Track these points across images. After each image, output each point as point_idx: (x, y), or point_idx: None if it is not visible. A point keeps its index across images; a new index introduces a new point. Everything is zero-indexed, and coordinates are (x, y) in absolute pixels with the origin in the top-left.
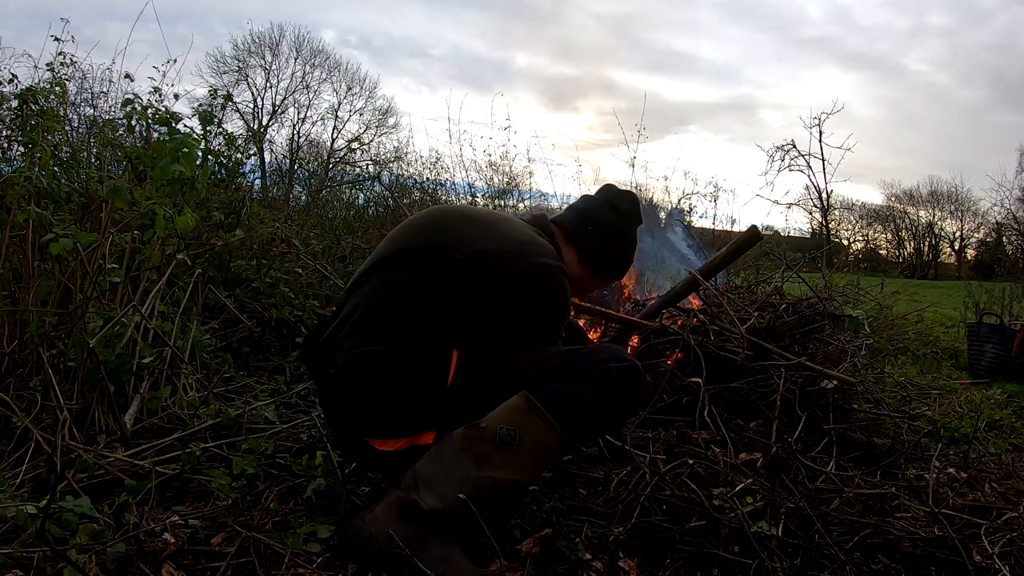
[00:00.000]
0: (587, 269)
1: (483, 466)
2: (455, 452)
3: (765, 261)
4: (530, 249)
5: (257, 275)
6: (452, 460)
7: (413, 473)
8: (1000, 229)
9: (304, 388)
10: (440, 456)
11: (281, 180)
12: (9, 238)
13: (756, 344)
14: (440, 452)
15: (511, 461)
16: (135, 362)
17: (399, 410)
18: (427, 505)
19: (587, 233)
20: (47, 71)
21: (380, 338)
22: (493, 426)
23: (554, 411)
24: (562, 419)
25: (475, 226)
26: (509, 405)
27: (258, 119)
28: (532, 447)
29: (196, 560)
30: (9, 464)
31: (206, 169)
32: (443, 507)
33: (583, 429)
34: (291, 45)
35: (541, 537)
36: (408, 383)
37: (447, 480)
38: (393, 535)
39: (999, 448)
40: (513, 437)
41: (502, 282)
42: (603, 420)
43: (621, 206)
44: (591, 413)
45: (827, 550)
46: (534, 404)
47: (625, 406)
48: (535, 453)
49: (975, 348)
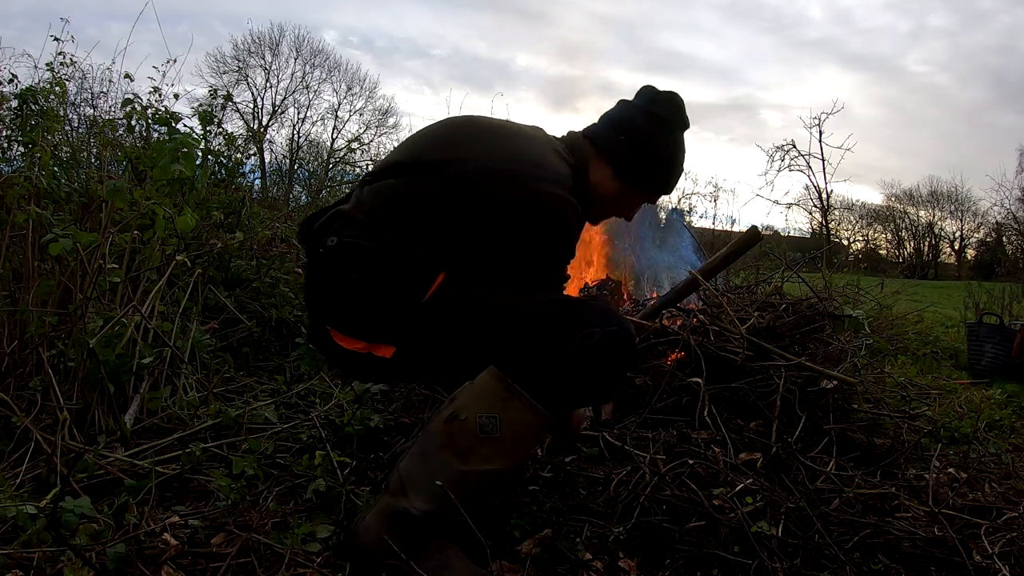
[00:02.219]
0: (621, 183)
1: (468, 460)
2: (437, 449)
3: (765, 261)
4: (538, 173)
5: (257, 275)
6: (435, 458)
7: (398, 475)
8: (1000, 229)
9: (304, 388)
10: (423, 454)
11: (281, 180)
12: (9, 238)
13: (756, 344)
14: (422, 449)
15: (496, 450)
16: (135, 362)
17: (369, 310)
18: (417, 510)
19: (619, 143)
20: (47, 71)
21: (374, 237)
22: (472, 416)
23: (535, 391)
24: (544, 398)
25: (490, 142)
26: (486, 389)
27: (258, 119)
28: (516, 433)
29: (196, 560)
30: (9, 464)
31: (206, 169)
32: (433, 508)
33: (567, 403)
34: (291, 45)
35: (541, 538)
36: (387, 286)
37: (434, 480)
38: (388, 543)
39: (999, 448)
40: (494, 426)
41: (500, 207)
42: (588, 392)
43: (658, 111)
44: (575, 387)
45: (827, 550)
46: (513, 388)
47: (611, 376)
48: (519, 438)
49: (975, 348)
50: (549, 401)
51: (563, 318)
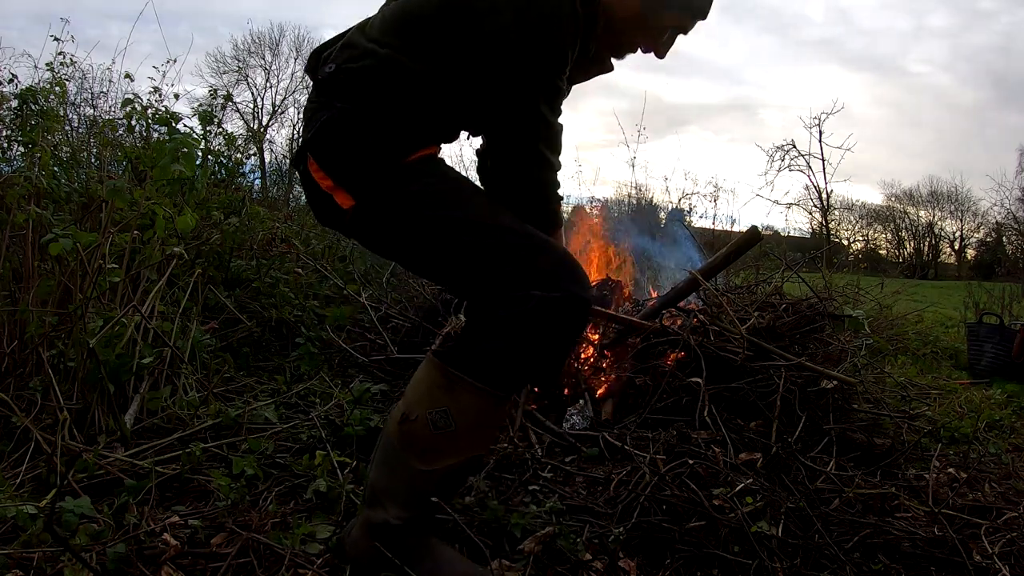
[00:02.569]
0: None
1: (430, 459)
2: (398, 455)
3: (765, 261)
4: None
5: (257, 275)
6: (399, 465)
7: (370, 488)
8: (1000, 229)
9: (304, 388)
10: (386, 463)
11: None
12: (9, 238)
13: (756, 344)
14: (384, 457)
15: (455, 443)
16: (135, 362)
17: (345, 146)
18: (396, 518)
19: None
20: (47, 71)
21: (370, 55)
22: (422, 414)
23: (476, 373)
24: (487, 378)
25: None
26: (428, 382)
27: (258, 119)
28: (470, 421)
29: (196, 560)
30: (9, 464)
31: (206, 169)
32: (412, 513)
33: (512, 380)
34: (291, 45)
35: (543, 536)
36: (374, 123)
37: (404, 486)
38: (377, 553)
39: (999, 448)
40: (447, 420)
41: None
42: (529, 369)
43: None
44: (514, 364)
45: (827, 550)
46: (453, 376)
47: (548, 351)
48: (476, 424)
49: (975, 348)
50: (493, 380)
51: (511, 263)
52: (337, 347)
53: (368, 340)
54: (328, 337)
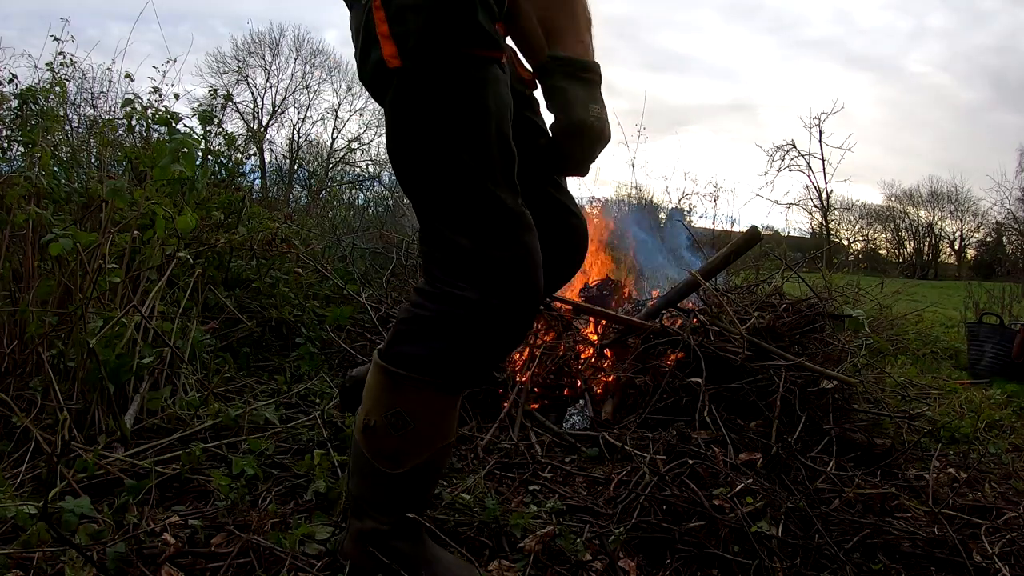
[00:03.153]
0: None
1: (400, 461)
2: (368, 462)
3: (765, 261)
4: None
5: (257, 275)
6: (371, 471)
7: (352, 498)
8: (1000, 229)
9: (304, 388)
10: (359, 472)
11: (281, 180)
12: (9, 238)
13: (756, 344)
14: (357, 466)
15: (418, 440)
16: (135, 362)
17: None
18: (384, 523)
19: None
20: (47, 71)
21: None
22: (379, 419)
23: (418, 370)
24: (431, 375)
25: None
26: (377, 386)
27: (258, 119)
28: (426, 417)
29: (195, 560)
30: (9, 464)
31: (206, 169)
32: (398, 516)
33: (454, 376)
34: (291, 45)
35: (543, 536)
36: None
37: (382, 492)
38: (372, 559)
39: (999, 448)
40: (402, 420)
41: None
42: (468, 368)
43: None
44: (453, 363)
45: (827, 550)
46: (396, 376)
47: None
48: (433, 418)
49: (975, 348)
50: (437, 376)
51: (468, 237)
52: (337, 347)
53: (368, 340)
54: (328, 337)
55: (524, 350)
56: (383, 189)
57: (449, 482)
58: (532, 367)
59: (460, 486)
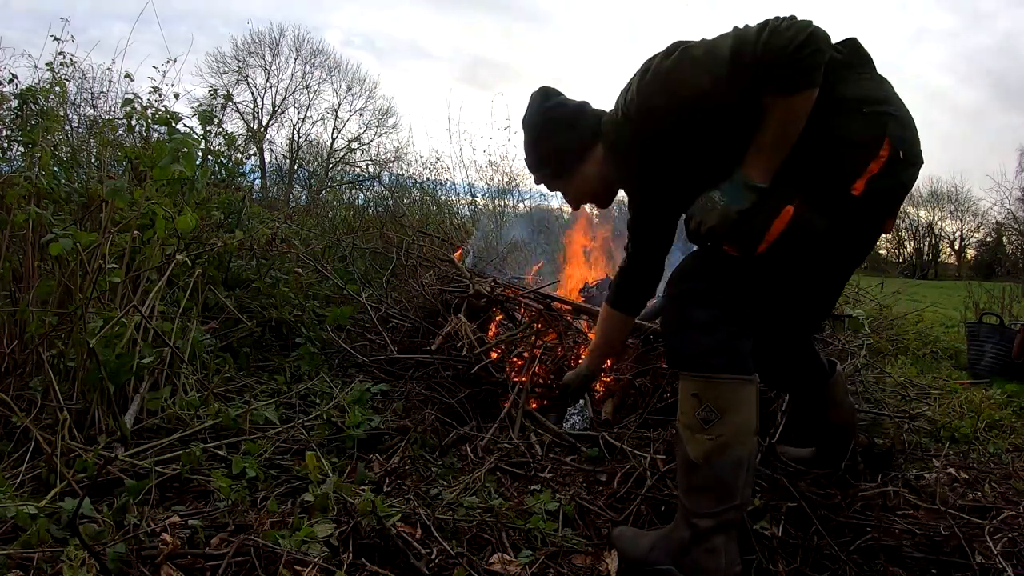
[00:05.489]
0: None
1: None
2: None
3: None
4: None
5: (257, 275)
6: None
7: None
8: (1000, 229)
9: (304, 388)
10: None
11: (281, 180)
12: (9, 238)
13: None
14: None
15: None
16: (135, 362)
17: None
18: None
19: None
20: (47, 71)
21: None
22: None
23: (708, 368)
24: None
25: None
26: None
27: (258, 119)
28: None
29: (195, 560)
30: (9, 464)
31: (206, 169)
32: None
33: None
34: (291, 45)
35: (543, 535)
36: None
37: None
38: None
39: (999, 448)
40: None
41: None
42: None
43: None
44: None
45: (827, 550)
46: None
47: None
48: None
49: (975, 348)
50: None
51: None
52: (337, 347)
53: (368, 340)
54: (328, 337)
55: (524, 351)
56: (383, 189)
57: (450, 482)
58: (532, 367)
59: (461, 485)
